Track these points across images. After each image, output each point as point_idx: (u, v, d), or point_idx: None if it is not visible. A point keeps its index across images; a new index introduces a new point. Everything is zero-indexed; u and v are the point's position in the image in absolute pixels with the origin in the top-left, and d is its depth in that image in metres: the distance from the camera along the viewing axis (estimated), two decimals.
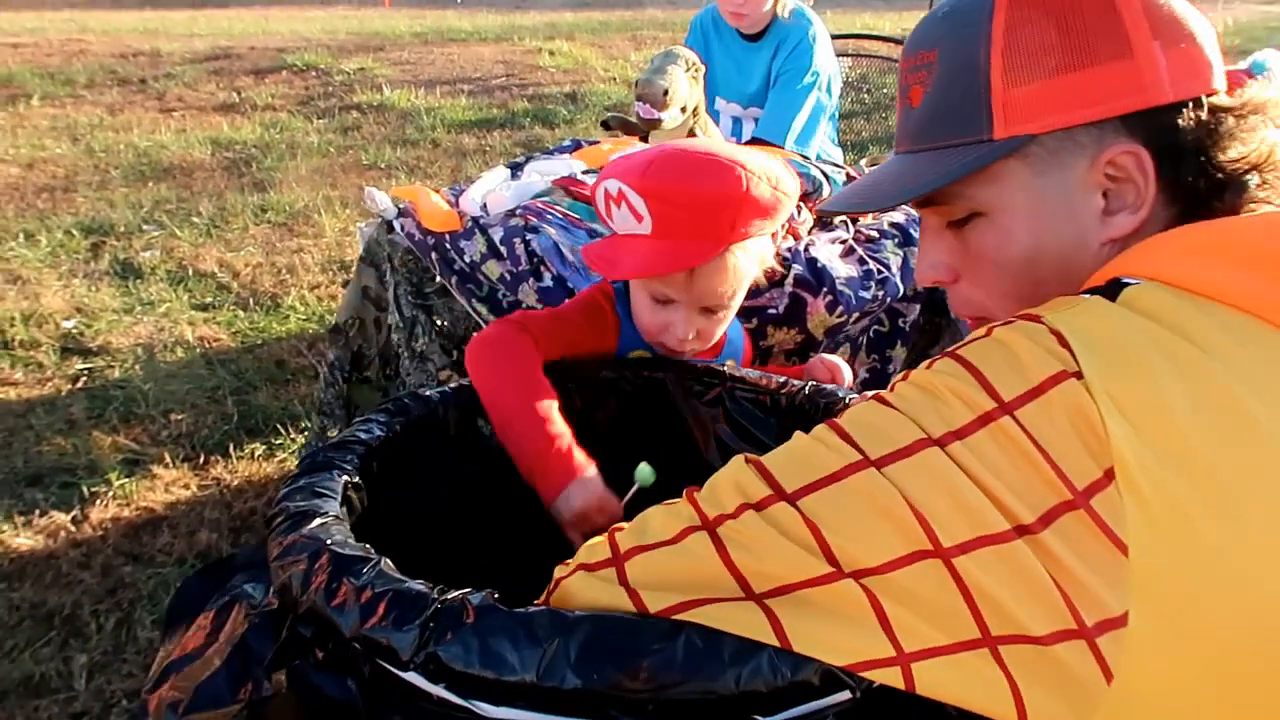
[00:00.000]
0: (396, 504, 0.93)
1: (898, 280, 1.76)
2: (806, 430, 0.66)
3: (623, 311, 1.21)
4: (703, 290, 1.12)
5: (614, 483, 1.03)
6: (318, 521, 0.73)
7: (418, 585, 0.64)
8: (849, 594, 0.58)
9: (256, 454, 2.35)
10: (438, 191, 1.94)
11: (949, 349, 0.63)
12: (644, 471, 1.04)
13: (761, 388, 1.11)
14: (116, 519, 2.10)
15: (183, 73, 6.72)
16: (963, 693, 0.56)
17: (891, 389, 0.64)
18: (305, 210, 4.09)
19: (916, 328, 1.98)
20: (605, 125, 1.91)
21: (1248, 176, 0.70)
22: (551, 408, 1.05)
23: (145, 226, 3.85)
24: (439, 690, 0.60)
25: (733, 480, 0.64)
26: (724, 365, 1.16)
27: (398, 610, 0.62)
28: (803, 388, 1.10)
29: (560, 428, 1.04)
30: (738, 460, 0.66)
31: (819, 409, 1.07)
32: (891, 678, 0.57)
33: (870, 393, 0.66)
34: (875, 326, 1.92)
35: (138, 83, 6.50)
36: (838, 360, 1.30)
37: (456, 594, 0.63)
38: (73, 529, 2.04)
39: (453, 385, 1.08)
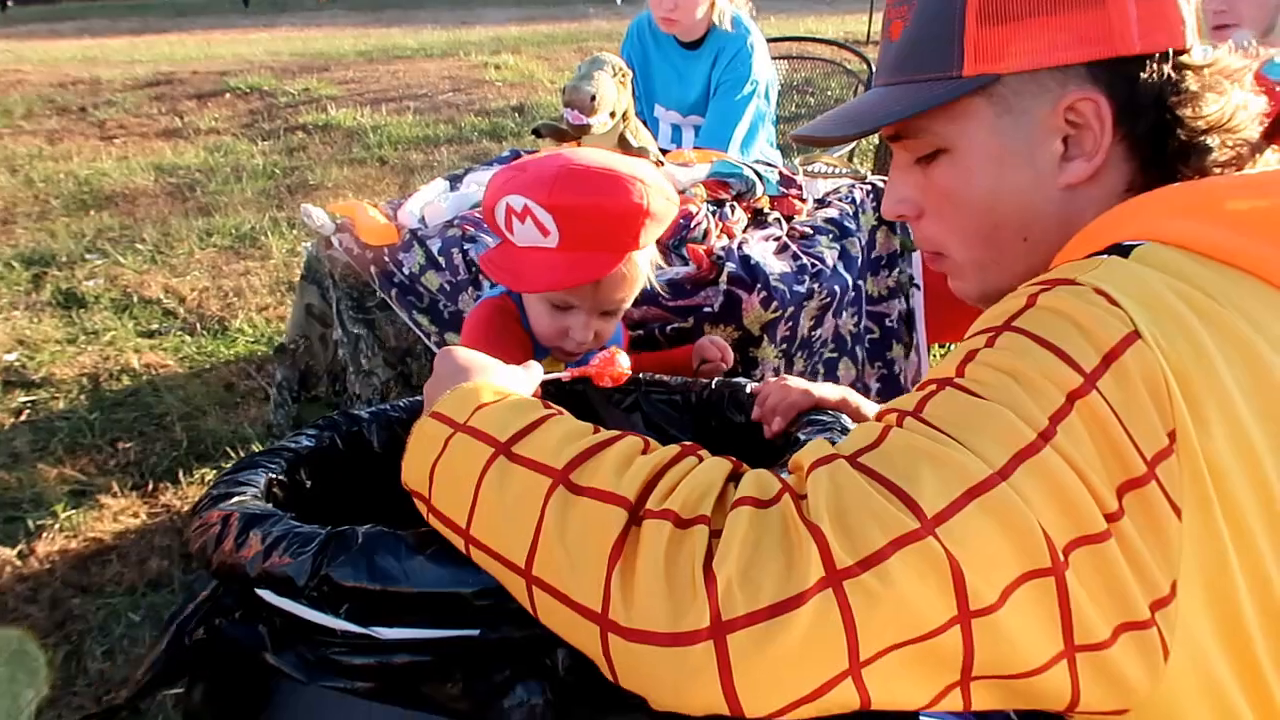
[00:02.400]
0: (326, 514, 0.95)
1: (841, 272, 1.79)
2: (718, 423, 0.66)
3: (525, 320, 1.25)
4: (604, 297, 1.18)
5: None
6: (235, 499, 0.78)
7: (313, 527, 0.69)
8: (952, 642, 0.53)
9: (207, 479, 2.33)
10: (375, 205, 1.94)
11: (1006, 324, 0.60)
12: None
13: (673, 388, 1.16)
14: (64, 551, 2.07)
15: (123, 99, 6.64)
16: (1023, 702, 0.55)
17: (960, 374, 0.60)
18: (252, 233, 4.05)
19: (903, 319, 2.02)
20: (537, 133, 1.93)
21: (1208, 138, 0.70)
22: None
23: (88, 255, 3.80)
24: (340, 623, 0.64)
25: (869, 508, 0.54)
26: (639, 373, 1.19)
27: (295, 545, 0.66)
28: (710, 383, 1.15)
29: None
30: (855, 477, 0.56)
31: (725, 400, 1.12)
32: (951, 703, 0.55)
33: (932, 380, 0.62)
34: (868, 335, 1.96)
35: (77, 111, 6.42)
36: (724, 342, 1.36)
37: (346, 527, 0.67)
38: (18, 563, 2.01)
39: (382, 406, 1.10)
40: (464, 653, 0.63)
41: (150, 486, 2.29)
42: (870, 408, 1.04)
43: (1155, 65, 0.69)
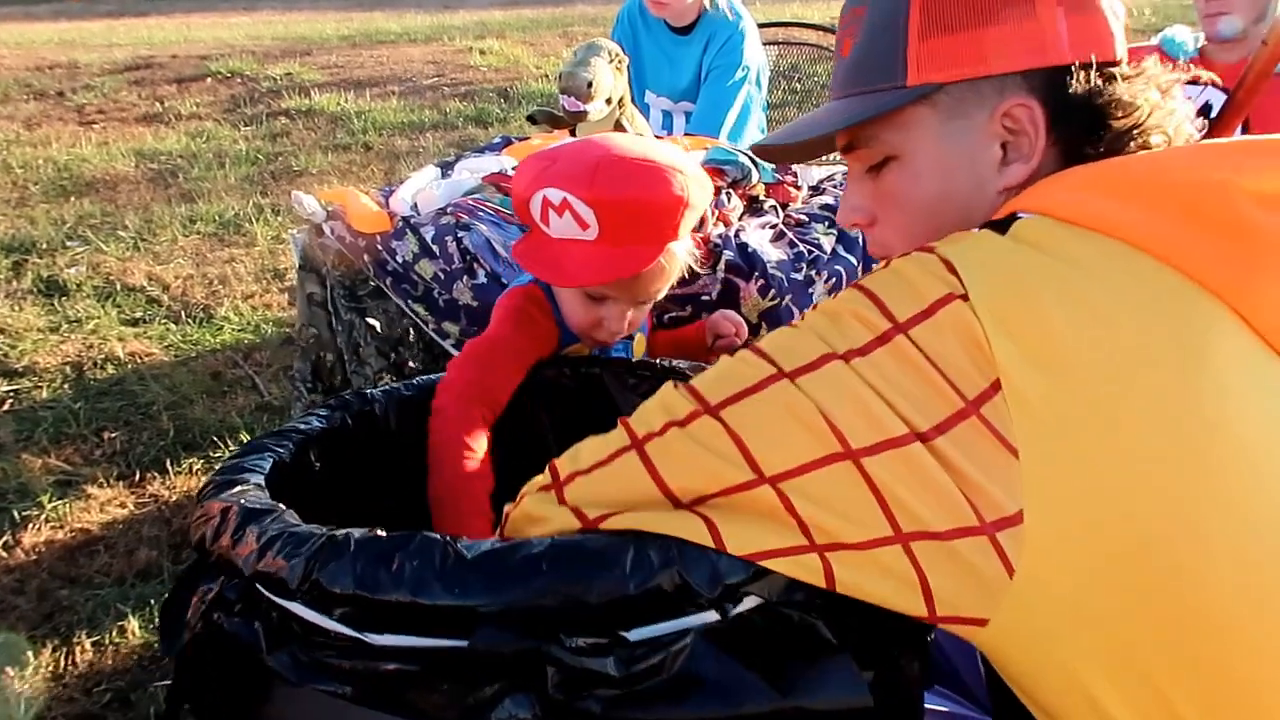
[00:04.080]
0: (338, 493, 0.96)
1: (843, 254, 1.78)
2: None
3: (553, 307, 1.23)
4: (642, 289, 1.17)
5: None
6: (237, 488, 0.78)
7: (310, 527, 0.69)
8: (768, 499, 0.62)
9: (195, 469, 2.30)
10: (367, 193, 1.92)
11: (854, 281, 0.69)
12: None
13: (690, 377, 1.14)
14: (51, 542, 2.05)
15: (102, 84, 6.54)
16: (879, 588, 0.61)
17: (802, 317, 0.69)
18: (236, 219, 4.01)
19: None
20: (532, 120, 1.91)
21: (1135, 139, 0.75)
22: (477, 497, 1.06)
23: (69, 243, 3.75)
24: (333, 624, 0.65)
25: (660, 402, 0.68)
26: (655, 360, 1.20)
27: (290, 547, 0.67)
28: None
29: (480, 516, 1.05)
30: (666, 385, 0.70)
31: None
32: (812, 574, 0.62)
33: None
34: None
35: (55, 95, 6.32)
36: (739, 317, 1.38)
37: (341, 531, 0.68)
38: (5, 555, 1.99)
39: (394, 384, 1.10)
40: (454, 664, 0.64)
41: (137, 476, 2.27)
42: None
43: (1086, 74, 0.74)
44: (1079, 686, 0.60)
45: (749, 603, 0.64)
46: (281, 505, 0.75)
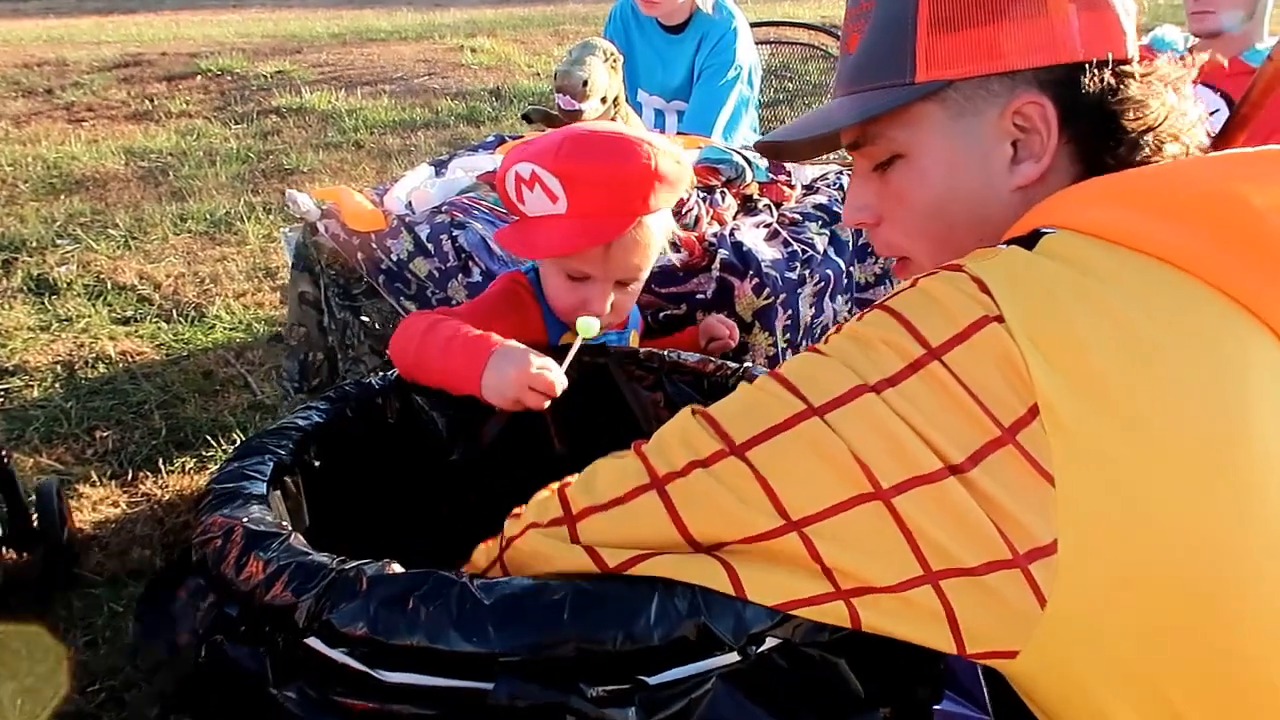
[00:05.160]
0: (339, 488, 0.95)
1: (833, 257, 1.79)
2: None
3: (541, 298, 1.23)
4: (618, 263, 1.16)
5: (567, 468, 1.04)
6: (239, 501, 0.76)
7: (320, 557, 0.67)
8: (793, 546, 0.60)
9: (187, 467, 2.30)
10: (361, 191, 1.91)
11: (879, 301, 0.66)
12: (585, 323, 1.08)
13: (698, 371, 1.15)
14: None
15: (91, 81, 6.50)
16: (906, 628, 0.59)
17: (826, 341, 0.66)
18: (227, 218, 3.99)
19: None
20: (527, 118, 1.91)
21: (1148, 139, 0.74)
22: (454, 322, 1.08)
23: (59, 241, 3.73)
24: (343, 657, 0.63)
25: (681, 435, 0.65)
26: (661, 351, 1.19)
27: (298, 580, 0.65)
28: (735, 370, 1.14)
29: (465, 325, 1.07)
30: (684, 413, 0.67)
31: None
32: (837, 619, 0.60)
33: (807, 345, 0.69)
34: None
35: (44, 93, 6.28)
36: (731, 321, 1.38)
37: (353, 565, 0.65)
38: None
39: (394, 374, 1.10)
40: (469, 708, 0.62)
41: (129, 475, 2.26)
42: None
43: (1097, 71, 0.73)
44: (1102, 714, 0.59)
45: (770, 642, 0.63)
46: (287, 526, 0.73)
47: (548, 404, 1.03)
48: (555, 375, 1.02)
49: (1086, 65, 0.72)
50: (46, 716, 1.59)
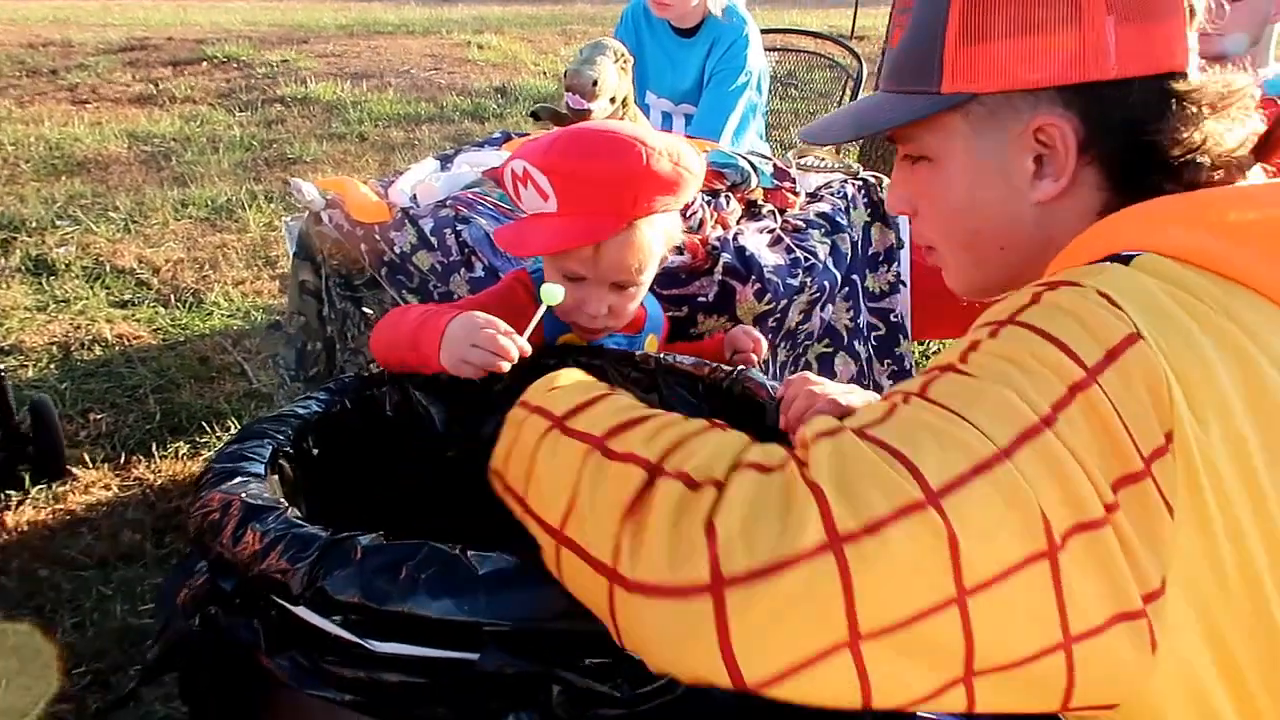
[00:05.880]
0: (336, 478, 0.95)
1: (831, 268, 1.79)
2: (734, 412, 0.66)
3: (540, 297, 1.22)
4: (610, 265, 1.14)
5: None
6: (238, 479, 0.77)
7: (313, 529, 0.68)
8: (947, 628, 0.52)
9: (180, 453, 2.29)
10: (366, 183, 1.91)
11: (1010, 318, 0.60)
12: (549, 290, 1.08)
13: (693, 374, 1.14)
14: (34, 522, 2.03)
15: (96, 64, 6.49)
16: (1018, 701, 0.54)
17: (963, 360, 0.60)
18: (228, 205, 3.99)
19: (907, 315, 2.03)
20: (535, 116, 1.91)
21: (1189, 160, 0.70)
22: (430, 305, 1.07)
23: (59, 222, 3.72)
24: (334, 628, 0.63)
25: (874, 475, 0.54)
26: (656, 354, 1.18)
27: (294, 549, 0.66)
28: (730, 373, 1.13)
29: (436, 309, 1.06)
30: (860, 446, 0.56)
31: (740, 392, 1.11)
32: (952, 703, 0.54)
33: (935, 367, 0.62)
34: (874, 331, 1.97)
35: (48, 74, 6.27)
36: (758, 333, 1.34)
37: (346, 535, 0.66)
38: None
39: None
40: (457, 677, 0.63)
41: (123, 459, 2.26)
42: None
43: (1132, 90, 0.69)
44: None
45: None
46: (283, 501, 0.74)
47: (508, 367, 0.99)
48: (507, 340, 0.99)
49: (1121, 83, 0.69)
50: (37, 710, 1.58)
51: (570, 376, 0.76)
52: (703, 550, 0.52)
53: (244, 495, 0.73)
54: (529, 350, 1.01)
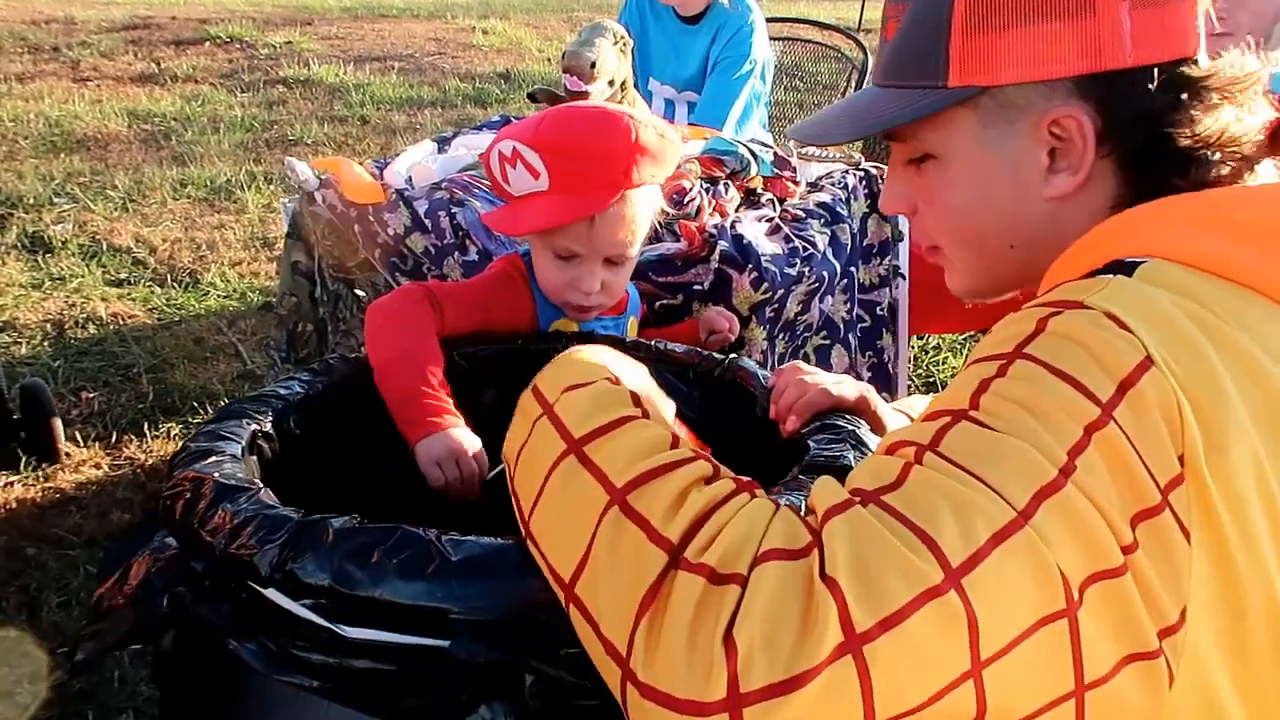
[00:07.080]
0: (317, 460, 0.94)
1: (830, 258, 1.78)
2: (725, 400, 0.63)
3: (534, 283, 1.22)
4: (604, 239, 1.15)
5: None
6: (213, 459, 0.76)
7: (286, 511, 0.67)
8: (962, 702, 0.51)
9: (173, 433, 2.28)
10: (361, 163, 1.89)
11: (1016, 350, 0.58)
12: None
13: (685, 363, 1.14)
14: (23, 500, 2.02)
15: (98, 41, 6.46)
16: None
17: (975, 405, 0.57)
18: (227, 185, 3.97)
19: (891, 308, 2.02)
20: (532, 98, 1.89)
21: (1203, 153, 0.68)
22: (429, 365, 1.05)
23: (56, 199, 3.70)
24: (304, 611, 0.62)
25: (893, 558, 0.51)
26: (649, 340, 1.17)
27: (264, 531, 0.65)
28: (721, 362, 1.12)
29: (434, 380, 1.04)
30: (875, 525, 0.53)
31: (732, 381, 1.10)
32: None
33: (946, 411, 0.59)
34: (860, 324, 1.95)
35: (50, 50, 6.23)
36: (730, 314, 1.37)
37: (318, 517, 0.65)
38: None
39: None
40: (429, 665, 0.62)
41: (114, 438, 2.25)
42: (886, 410, 1.01)
43: (1149, 79, 0.67)
44: None
45: None
46: (258, 482, 0.73)
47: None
48: (471, 469, 1.01)
49: (1137, 71, 0.66)
50: (19, 675, 1.57)
51: (584, 357, 0.72)
52: (721, 665, 0.50)
53: (217, 475, 0.72)
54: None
